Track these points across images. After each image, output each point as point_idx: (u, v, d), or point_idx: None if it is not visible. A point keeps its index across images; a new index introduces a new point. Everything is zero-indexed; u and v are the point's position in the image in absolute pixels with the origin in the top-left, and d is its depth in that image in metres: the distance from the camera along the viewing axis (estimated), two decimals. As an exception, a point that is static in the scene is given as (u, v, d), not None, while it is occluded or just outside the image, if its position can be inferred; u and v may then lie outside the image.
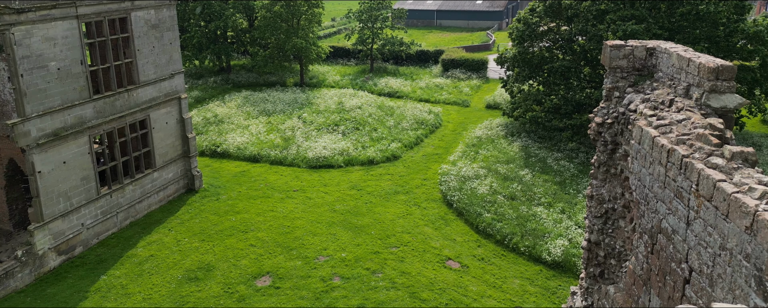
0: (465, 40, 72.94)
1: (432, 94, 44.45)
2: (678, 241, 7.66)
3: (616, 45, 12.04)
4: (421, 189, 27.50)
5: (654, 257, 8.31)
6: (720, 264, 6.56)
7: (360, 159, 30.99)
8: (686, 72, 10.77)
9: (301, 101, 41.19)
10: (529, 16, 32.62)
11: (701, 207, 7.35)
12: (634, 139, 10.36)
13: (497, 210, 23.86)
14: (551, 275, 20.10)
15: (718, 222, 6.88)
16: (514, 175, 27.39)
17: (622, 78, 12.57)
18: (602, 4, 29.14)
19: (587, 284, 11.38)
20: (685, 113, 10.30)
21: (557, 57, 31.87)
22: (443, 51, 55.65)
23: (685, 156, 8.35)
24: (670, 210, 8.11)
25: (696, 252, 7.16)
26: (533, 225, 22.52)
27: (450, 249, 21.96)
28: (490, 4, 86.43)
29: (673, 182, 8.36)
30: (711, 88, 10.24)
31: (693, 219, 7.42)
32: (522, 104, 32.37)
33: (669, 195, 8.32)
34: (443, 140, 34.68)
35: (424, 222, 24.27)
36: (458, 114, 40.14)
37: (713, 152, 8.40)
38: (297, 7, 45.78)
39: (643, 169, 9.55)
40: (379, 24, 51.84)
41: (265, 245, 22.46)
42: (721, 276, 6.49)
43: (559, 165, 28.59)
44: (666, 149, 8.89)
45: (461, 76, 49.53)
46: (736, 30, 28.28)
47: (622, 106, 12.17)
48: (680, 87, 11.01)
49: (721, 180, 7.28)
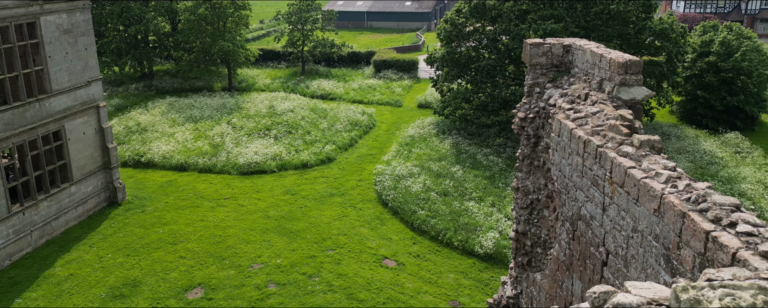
0: (396, 41, 73.73)
1: (365, 95, 44.56)
2: (596, 226, 8.04)
3: (535, 43, 12.50)
4: (357, 191, 27.47)
5: (575, 243, 8.68)
6: (633, 246, 6.94)
7: (293, 163, 30.53)
8: (599, 67, 11.33)
9: (230, 106, 40.04)
10: (455, 17, 33.42)
11: (615, 193, 7.74)
12: (554, 132, 10.79)
13: (431, 207, 24.26)
14: (484, 267, 20.67)
15: (630, 207, 7.27)
16: (447, 172, 27.96)
17: (542, 74, 13.06)
18: (523, 4, 30.34)
19: (516, 273, 11.76)
20: (599, 106, 10.85)
21: (483, 56, 32.86)
22: (375, 52, 55.93)
23: (600, 146, 8.78)
24: (588, 198, 8.51)
25: (612, 236, 7.54)
26: (466, 220, 23.07)
27: (386, 248, 22.06)
28: (418, 5, 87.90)
29: (589, 171, 8.77)
30: (621, 81, 10.84)
31: (608, 204, 7.81)
32: (452, 103, 33.10)
33: (586, 183, 8.72)
34: (377, 140, 34.83)
35: (360, 223, 24.25)
36: (391, 114, 40.48)
37: (624, 141, 8.89)
38: (223, 9, 44.45)
39: (563, 160, 9.96)
40: (309, 26, 51.35)
41: (196, 256, 21.61)
42: (634, 257, 6.86)
43: (489, 161, 29.48)
44: (582, 140, 9.30)
45: (393, 77, 50.00)
46: (645, 27, 30.31)
47: (542, 100, 12.65)
48: (594, 81, 11.58)
49: (631, 167, 7.71)
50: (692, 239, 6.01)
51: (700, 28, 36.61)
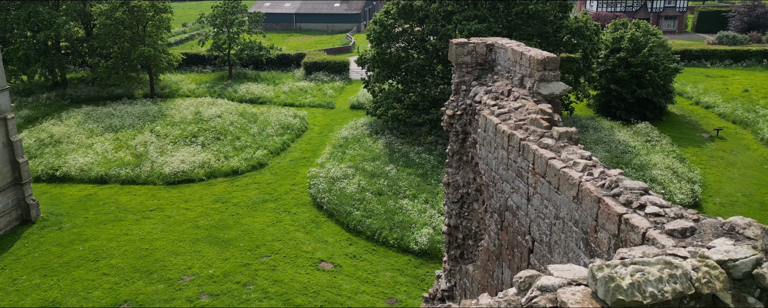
0: (326, 42, 73.38)
1: (296, 98, 44.00)
2: (522, 216, 8.36)
3: (460, 43, 12.83)
4: (291, 195, 27.06)
5: (503, 233, 8.99)
6: (556, 232, 7.27)
7: (223, 170, 29.64)
8: (520, 64, 11.79)
9: (153, 113, 38.27)
10: (384, 18, 33.73)
11: (538, 183, 8.09)
12: (480, 128, 11.13)
13: (366, 207, 24.34)
14: (419, 263, 21.00)
15: (551, 195, 7.62)
16: (381, 172, 28.16)
17: (467, 72, 13.43)
18: (449, 5, 31.11)
19: (450, 266, 12.03)
20: (521, 101, 11.30)
21: (413, 56, 33.37)
22: (305, 54, 55.37)
23: (523, 139, 9.14)
24: (513, 189, 8.83)
25: (536, 224, 7.87)
26: (400, 218, 23.34)
27: (322, 251, 21.90)
28: (347, 7, 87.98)
29: (514, 163, 9.10)
30: (540, 77, 11.33)
31: (532, 194, 8.15)
32: (383, 103, 33.38)
33: (512, 175, 9.05)
34: (310, 143, 34.49)
35: (295, 227, 23.91)
36: (324, 116, 40.22)
37: (545, 134, 9.31)
38: (142, 12, 42.37)
39: (489, 154, 10.29)
40: (235, 28, 50.01)
41: (121, 272, 20.48)
42: (557, 243, 7.19)
43: (421, 159, 29.98)
44: (507, 134, 9.65)
45: (324, 79, 49.71)
46: (562, 26, 31.95)
47: (469, 98, 13.01)
48: (516, 78, 12.05)
49: (551, 158, 8.08)
50: (607, 222, 6.38)
51: (611, 26, 39.07)
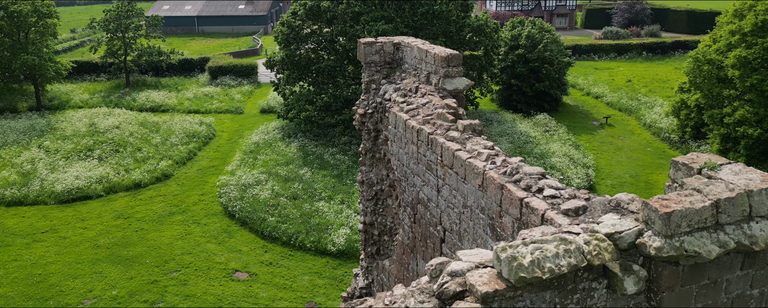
0: (231, 45, 71.15)
1: (202, 105, 42.26)
2: (432, 207, 8.63)
3: (368, 42, 12.99)
4: (200, 206, 25.96)
5: (417, 226, 9.23)
6: (464, 221, 7.58)
7: (124, 184, 27.82)
8: (425, 62, 12.16)
9: (41, 128, 35.10)
10: (292, 20, 33.30)
11: (446, 174, 8.39)
12: (391, 124, 11.33)
13: (281, 213, 23.93)
14: (337, 264, 20.98)
15: (459, 185, 7.93)
16: (295, 175, 27.79)
17: (376, 71, 13.61)
18: (356, 6, 31.33)
19: (367, 264, 12.16)
20: (428, 97, 11.65)
21: (323, 57, 33.25)
22: (209, 58, 53.31)
23: (430, 133, 9.43)
24: (424, 182, 9.09)
25: (446, 214, 8.16)
26: (317, 221, 23.19)
27: (236, 261, 21.24)
28: (253, 8, 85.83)
29: (424, 157, 9.37)
30: (445, 73, 11.74)
31: (441, 186, 8.44)
32: (295, 105, 32.97)
33: (422, 169, 9.32)
34: (219, 151, 33.27)
35: (206, 238, 22.99)
36: (232, 122, 38.96)
37: (450, 127, 9.66)
38: (23, 18, 38.67)
39: (400, 150, 10.51)
40: (131, 33, 47.01)
41: (11, 301, 18.61)
42: (466, 231, 7.50)
43: (336, 160, 29.97)
44: (415, 129, 9.91)
45: (232, 83, 48.15)
46: (465, 25, 33.28)
47: (379, 96, 13.19)
48: (422, 75, 12.40)
49: (458, 150, 8.41)
50: (510, 207, 6.76)
51: (509, 24, 41.33)
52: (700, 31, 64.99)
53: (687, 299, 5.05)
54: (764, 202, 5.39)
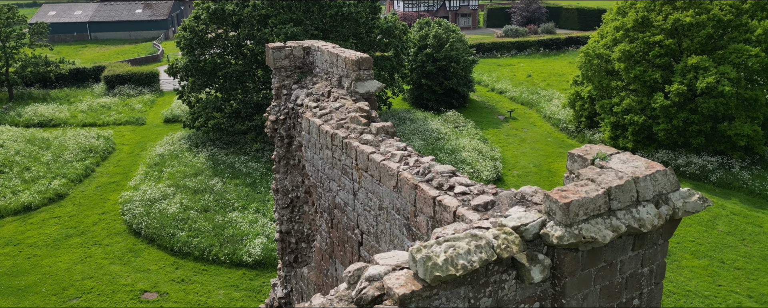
0: (129, 52, 66.95)
1: (98, 117, 39.38)
2: (349, 211, 8.65)
3: (277, 47, 12.76)
4: (101, 226, 24.19)
5: (334, 231, 9.21)
6: (381, 222, 7.67)
7: (11, 207, 25.29)
8: (337, 65, 12.16)
9: None
10: (194, 24, 31.91)
11: (362, 178, 8.44)
12: (304, 130, 11.20)
13: (192, 227, 22.89)
14: (255, 275, 20.43)
15: (375, 188, 8.01)
16: (205, 186, 26.69)
17: (287, 76, 13.40)
18: (263, 9, 30.63)
19: (285, 272, 11.95)
20: (341, 101, 11.65)
21: (230, 62, 32.19)
22: (105, 67, 49.82)
23: (345, 137, 9.44)
24: (340, 186, 9.08)
25: (363, 217, 8.21)
26: (231, 232, 22.45)
27: (145, 281, 20.04)
28: (151, 13, 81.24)
29: (339, 161, 9.36)
30: (356, 77, 11.80)
31: (358, 189, 8.47)
32: (202, 113, 31.65)
33: (338, 173, 9.30)
34: (120, 165, 31.17)
35: (110, 260, 21.47)
36: (134, 133, 36.65)
37: (364, 130, 9.73)
38: None
39: (315, 155, 10.42)
40: (12, 42, 42.76)
41: None
42: (383, 232, 7.59)
43: (248, 168, 29.14)
44: (330, 134, 9.88)
45: (131, 92, 45.30)
46: (374, 27, 33.63)
47: (290, 102, 13.00)
48: (334, 79, 12.38)
49: (372, 153, 8.48)
50: (424, 206, 6.93)
51: (417, 25, 42.39)
52: (590, 28, 70.43)
53: (587, 282, 5.44)
54: (649, 187, 5.93)
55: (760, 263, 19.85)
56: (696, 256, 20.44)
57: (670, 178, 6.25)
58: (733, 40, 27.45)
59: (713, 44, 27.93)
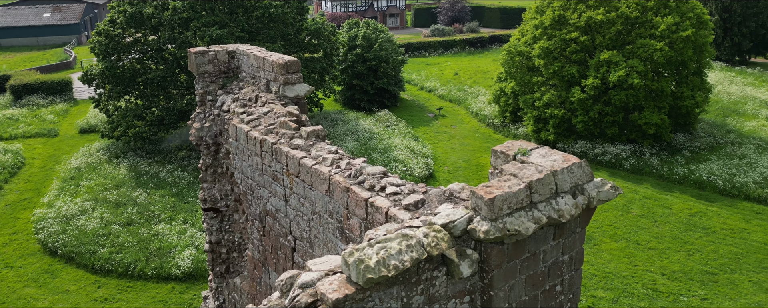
0: (38, 59, 62.34)
1: (4, 130, 36.41)
2: (281, 218, 8.54)
3: (199, 52, 12.36)
4: (12, 247, 22.41)
5: (266, 238, 9.06)
6: (314, 227, 7.64)
7: None
8: (263, 70, 11.95)
9: None
10: (109, 28, 30.20)
11: (293, 183, 8.36)
12: (232, 137, 10.93)
13: (114, 242, 21.72)
14: (185, 288, 19.67)
15: (307, 193, 7.96)
16: (127, 199, 25.39)
17: (211, 82, 13.01)
18: (184, 12, 29.51)
19: (216, 284, 11.62)
20: (269, 106, 11.47)
21: (150, 68, 30.75)
22: (10, 75, 46.16)
23: (274, 143, 9.31)
24: (271, 193, 8.95)
25: (296, 223, 8.14)
26: (157, 245, 21.50)
27: (64, 303, 18.80)
28: (61, 17, 76.02)
29: (269, 168, 9.22)
30: (284, 80, 11.66)
31: (289, 195, 8.38)
32: (122, 122, 30.04)
33: (268, 180, 9.15)
34: (31, 181, 28.97)
35: (23, 283, 19.95)
36: (46, 146, 34.17)
37: (294, 135, 9.64)
38: None
39: (244, 163, 10.20)
40: None
41: None
42: (317, 237, 7.57)
43: (174, 177, 27.98)
44: (258, 140, 9.70)
45: (41, 103, 42.20)
46: (302, 28, 33.26)
47: (216, 108, 12.64)
48: (262, 83, 12.16)
49: (303, 158, 8.42)
50: (357, 208, 6.97)
51: (346, 26, 42.40)
52: (512, 26, 73.36)
53: (513, 273, 5.70)
54: (566, 179, 6.29)
55: (670, 242, 21.48)
56: (614, 239, 21.81)
57: (585, 170, 6.66)
58: (640, 35, 29.52)
59: (622, 40, 29.91)
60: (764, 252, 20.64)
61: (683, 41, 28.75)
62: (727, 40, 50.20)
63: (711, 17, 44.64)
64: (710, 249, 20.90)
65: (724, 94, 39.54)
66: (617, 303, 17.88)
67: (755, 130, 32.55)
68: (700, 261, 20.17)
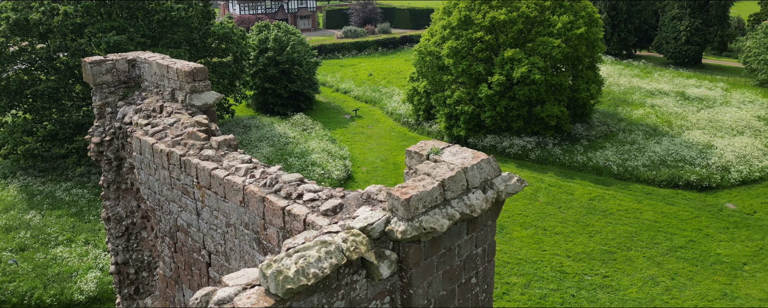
0: None
1: None
2: (194, 232, 8.20)
3: (96, 61, 11.57)
4: None
5: (179, 255, 8.66)
6: (230, 240, 7.41)
7: None
8: (168, 78, 11.40)
9: None
10: (-11, 37, 27.42)
11: (205, 196, 8.05)
12: (136, 151, 10.32)
13: (5, 270, 19.80)
14: (90, 313, 18.40)
15: (220, 205, 7.70)
16: (19, 223, 23.22)
17: (110, 93, 12.23)
18: (77, 17, 27.40)
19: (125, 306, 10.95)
20: (175, 116, 10.96)
21: (40, 79, 28.26)
22: None
23: (182, 155, 8.91)
24: (182, 207, 8.56)
25: (210, 237, 7.85)
26: (56, 270, 19.89)
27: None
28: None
29: (178, 181, 8.81)
30: (191, 88, 11.20)
31: (201, 209, 8.07)
32: (9, 139, 27.37)
33: (178, 194, 8.75)
34: None
35: None
36: None
37: (204, 146, 9.28)
38: None
39: (150, 177, 9.67)
40: None
41: None
42: (232, 250, 7.35)
43: (72, 195, 25.94)
44: (165, 153, 9.24)
45: None
46: (209, 32, 32.04)
47: (117, 120, 11.89)
48: (166, 92, 11.59)
49: (214, 169, 8.14)
50: (274, 217, 6.85)
51: (255, 29, 41.36)
52: (421, 26, 75.26)
53: (430, 269, 5.87)
54: (476, 176, 6.56)
55: (574, 226, 23.08)
56: (523, 227, 23.07)
57: (493, 165, 6.99)
58: (539, 33, 31.42)
59: (524, 38, 31.69)
60: (655, 230, 22.73)
61: (577, 38, 30.95)
62: (615, 36, 54.73)
63: (601, 15, 48.53)
64: (608, 230, 22.68)
65: (615, 86, 43.06)
66: (529, 288, 18.92)
67: (642, 118, 35.75)
68: (600, 242, 21.83)
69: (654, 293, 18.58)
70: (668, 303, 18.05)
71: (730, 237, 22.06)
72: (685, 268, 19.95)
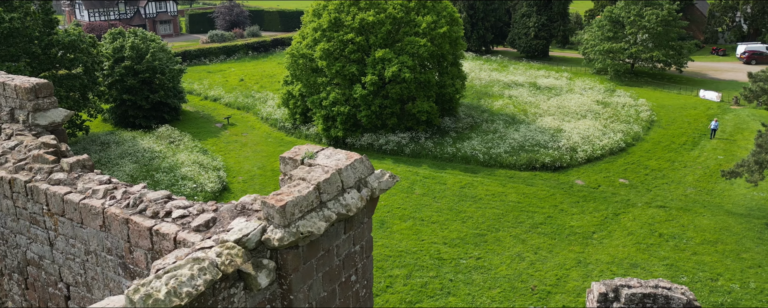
0: None
1: None
2: (48, 265, 7.42)
3: None
4: None
5: (31, 291, 7.78)
6: (91, 268, 6.82)
7: None
8: (5, 96, 10.24)
9: None
10: None
11: (58, 224, 7.31)
12: (-34, 179, 9.05)
13: None
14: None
15: (77, 232, 7.04)
16: None
17: (-72, 114, 10.60)
18: None
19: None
20: (17, 138, 9.80)
21: None
22: None
23: (28, 181, 8.02)
24: (31, 239, 7.69)
25: (67, 268, 7.16)
26: None
27: None
28: None
29: (25, 210, 7.90)
30: (34, 107, 10.12)
31: (55, 238, 7.32)
32: None
33: (25, 224, 7.84)
34: None
35: None
36: None
37: (53, 169, 8.42)
38: None
39: (-11, 208, 8.54)
40: None
41: None
42: (95, 278, 6.78)
43: None
44: (7, 180, 8.26)
45: None
46: (52, 43, 28.79)
47: (-61, 146, 10.33)
48: (4, 113, 10.37)
49: (67, 193, 7.43)
50: (140, 239, 6.43)
51: (109, 36, 37.86)
52: (292, 29, 74.44)
53: (310, 273, 5.92)
54: (351, 176, 6.73)
55: (448, 214, 24.47)
56: (402, 219, 23.97)
57: (366, 164, 7.22)
58: (406, 33, 32.69)
59: (392, 38, 32.77)
60: (518, 210, 24.87)
61: (441, 37, 32.73)
62: (474, 34, 58.80)
63: (460, 14, 51.78)
64: (479, 215, 24.37)
65: (477, 80, 46.28)
66: (411, 278, 19.72)
67: (502, 108, 38.85)
68: (472, 226, 23.38)
69: (520, 268, 20.34)
70: (533, 276, 19.89)
71: (581, 210, 24.86)
72: (546, 242, 22.10)
